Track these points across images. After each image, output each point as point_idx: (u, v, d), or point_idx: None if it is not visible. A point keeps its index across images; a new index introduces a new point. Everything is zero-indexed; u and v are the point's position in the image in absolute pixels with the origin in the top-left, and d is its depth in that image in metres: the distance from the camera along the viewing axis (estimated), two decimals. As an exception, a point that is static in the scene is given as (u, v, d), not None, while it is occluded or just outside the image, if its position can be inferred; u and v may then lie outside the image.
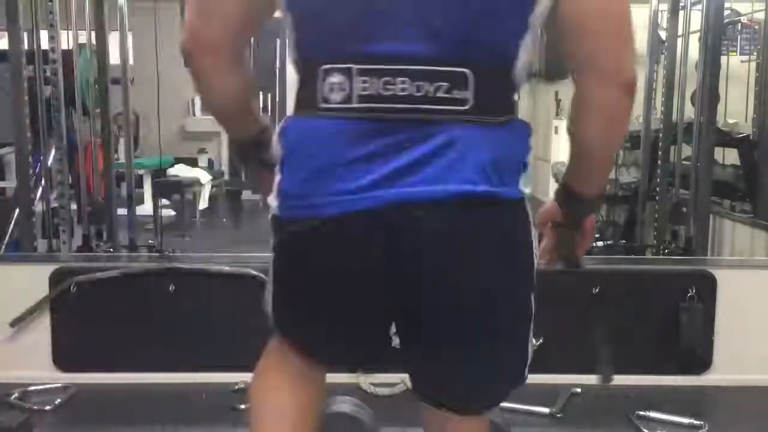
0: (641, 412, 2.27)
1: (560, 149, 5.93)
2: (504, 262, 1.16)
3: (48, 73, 3.09)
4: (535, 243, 1.23)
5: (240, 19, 1.19)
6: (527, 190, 1.24)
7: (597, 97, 1.19)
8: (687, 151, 3.43)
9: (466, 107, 1.08)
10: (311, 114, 1.12)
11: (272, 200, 1.17)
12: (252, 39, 1.31)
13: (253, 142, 1.36)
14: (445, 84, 1.06)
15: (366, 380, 2.41)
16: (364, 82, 1.06)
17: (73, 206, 3.26)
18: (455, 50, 1.07)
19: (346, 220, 1.08)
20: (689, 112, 3.45)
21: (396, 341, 1.24)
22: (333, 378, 1.49)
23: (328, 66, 1.09)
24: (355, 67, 1.07)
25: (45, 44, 3.09)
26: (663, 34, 3.79)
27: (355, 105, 1.07)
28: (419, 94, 1.06)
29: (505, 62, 1.11)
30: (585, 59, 1.16)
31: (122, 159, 4.28)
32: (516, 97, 1.19)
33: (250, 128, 1.35)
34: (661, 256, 3.24)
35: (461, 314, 1.15)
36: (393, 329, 1.24)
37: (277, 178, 1.17)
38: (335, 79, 1.08)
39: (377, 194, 1.06)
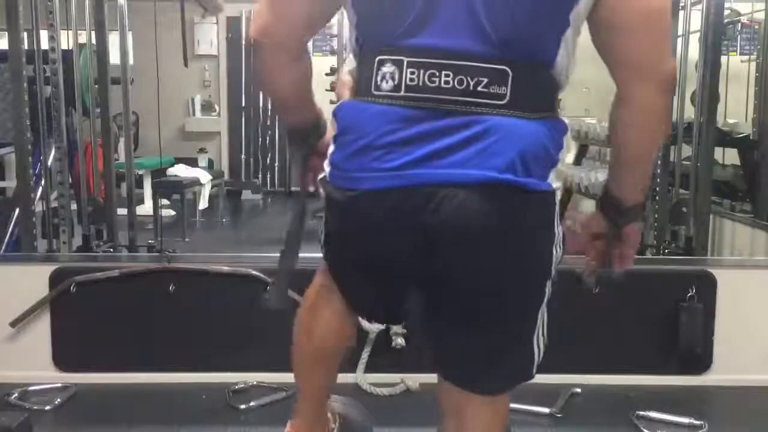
0: (641, 412, 2.27)
1: (560, 149, 5.92)
2: (519, 249, 1.24)
3: (48, 73, 3.09)
4: (558, 234, 1.32)
5: (309, 18, 1.33)
6: (557, 184, 1.28)
7: (639, 94, 1.24)
8: (687, 151, 3.43)
9: (504, 101, 1.18)
10: (364, 99, 1.25)
11: (326, 165, 1.32)
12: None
13: (309, 129, 1.49)
14: (485, 79, 1.17)
15: (366, 380, 2.42)
16: (412, 73, 1.19)
17: (73, 206, 3.25)
18: (497, 48, 1.17)
19: (378, 195, 1.21)
20: (689, 112, 3.45)
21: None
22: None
23: (383, 57, 1.22)
24: (405, 59, 1.19)
25: (45, 44, 3.09)
26: (663, 34, 3.78)
27: (402, 93, 1.20)
28: (460, 87, 1.17)
29: (545, 60, 1.22)
30: (627, 57, 1.23)
31: (122, 159, 4.28)
32: (557, 94, 1.30)
33: (308, 116, 1.47)
34: (661, 256, 3.23)
35: (476, 293, 1.26)
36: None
37: (330, 149, 1.31)
38: (388, 69, 1.21)
39: (407, 173, 1.18)
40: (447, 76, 1.18)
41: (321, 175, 1.35)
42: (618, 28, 1.20)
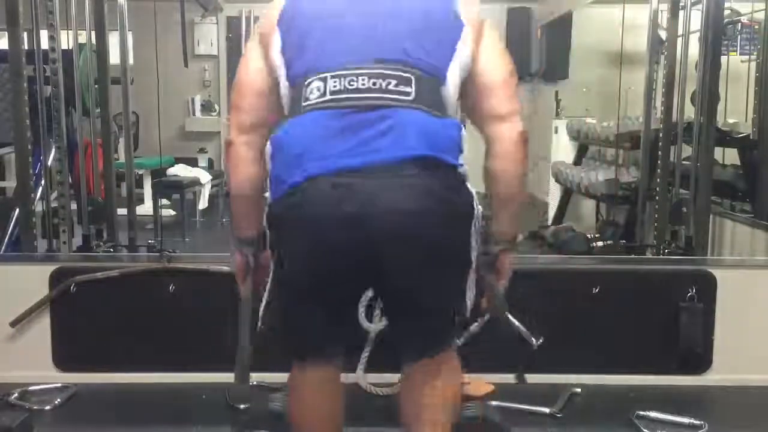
0: (641, 412, 2.27)
1: (560, 149, 5.93)
2: (442, 213, 1.47)
3: (48, 73, 3.09)
4: (476, 208, 1.55)
5: (265, 101, 1.63)
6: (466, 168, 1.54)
7: (502, 143, 1.60)
8: (687, 151, 3.43)
9: (410, 98, 1.49)
10: (296, 115, 1.53)
11: (267, 193, 1.54)
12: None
13: (256, 239, 1.71)
14: (394, 81, 1.49)
15: (366, 380, 2.42)
16: (335, 83, 1.49)
17: (73, 206, 3.25)
18: (400, 64, 1.50)
19: (313, 183, 1.44)
20: (689, 112, 3.44)
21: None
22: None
23: (310, 79, 1.51)
24: (329, 75, 1.50)
25: (45, 44, 3.08)
26: (663, 34, 3.78)
27: (328, 97, 1.48)
28: (375, 87, 1.48)
29: (437, 81, 1.53)
30: (491, 110, 1.59)
31: (122, 159, 4.28)
32: (448, 107, 1.56)
33: (256, 224, 1.67)
34: (661, 256, 3.23)
35: (405, 256, 1.47)
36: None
37: (269, 175, 1.54)
38: (315, 85, 1.51)
39: (338, 161, 1.43)
40: (363, 79, 1.48)
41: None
42: (485, 86, 1.58)
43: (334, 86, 1.48)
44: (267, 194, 1.53)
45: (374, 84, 1.47)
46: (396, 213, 1.43)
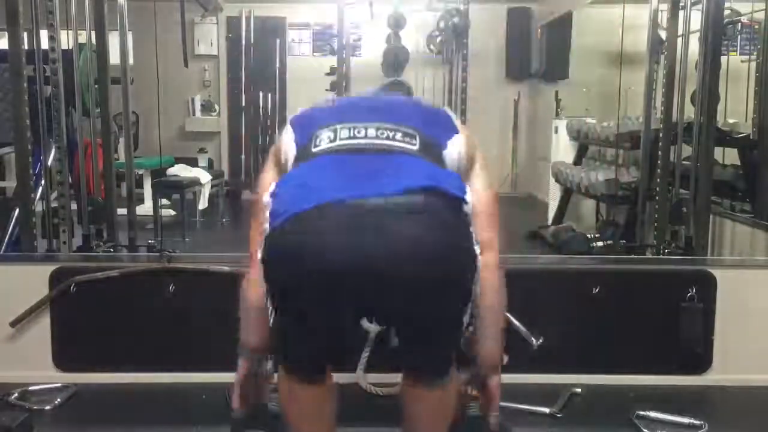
0: (641, 412, 2.27)
1: (560, 149, 5.93)
2: (447, 244, 1.46)
3: (48, 73, 3.09)
4: (474, 241, 1.55)
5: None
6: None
7: (485, 265, 1.61)
8: (687, 151, 3.43)
9: (415, 148, 1.58)
10: (304, 160, 1.60)
11: (266, 224, 1.51)
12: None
13: (263, 350, 1.80)
14: (400, 133, 1.59)
15: (366, 380, 2.42)
16: (344, 132, 1.58)
17: (73, 206, 3.25)
18: (405, 125, 1.62)
19: (319, 210, 1.42)
20: (689, 112, 3.44)
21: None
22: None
23: (320, 130, 1.61)
24: (338, 125, 1.60)
25: (45, 44, 3.08)
26: (663, 34, 3.78)
27: (337, 143, 1.57)
28: (382, 136, 1.58)
29: (437, 146, 1.65)
30: (479, 238, 1.60)
31: (122, 159, 4.28)
32: (446, 168, 1.64)
33: (264, 334, 1.75)
34: (661, 256, 3.23)
35: (407, 284, 1.44)
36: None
37: (268, 207, 1.52)
38: (325, 134, 1.60)
39: (345, 192, 1.43)
40: (371, 130, 1.57)
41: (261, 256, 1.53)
42: (473, 209, 1.58)
43: (344, 134, 1.57)
44: (266, 225, 1.50)
45: (381, 134, 1.57)
46: (401, 241, 1.41)
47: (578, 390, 2.47)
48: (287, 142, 1.72)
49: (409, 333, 1.55)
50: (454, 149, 1.68)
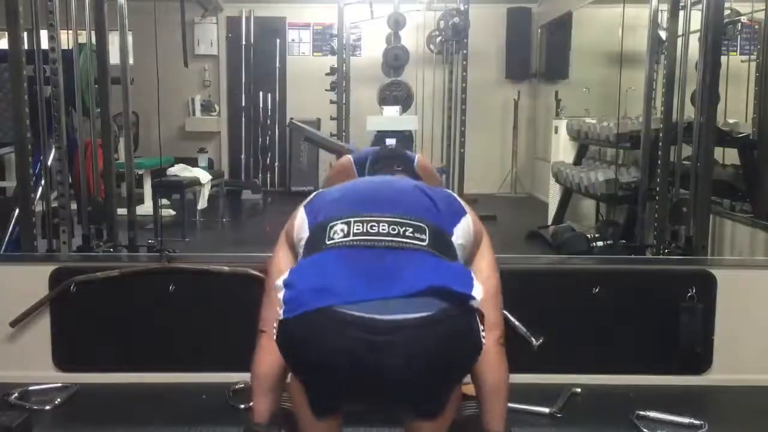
0: (641, 412, 2.27)
1: (560, 149, 5.93)
2: (453, 342, 1.52)
3: (48, 73, 3.08)
4: (479, 332, 1.58)
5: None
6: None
7: (488, 344, 1.65)
8: (687, 151, 3.43)
9: (425, 243, 1.63)
10: (317, 251, 1.64)
11: (280, 310, 1.56)
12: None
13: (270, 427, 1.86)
14: (410, 229, 1.64)
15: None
16: (358, 226, 1.63)
17: (73, 206, 3.25)
18: (415, 218, 1.67)
19: (328, 312, 1.48)
20: (689, 112, 3.44)
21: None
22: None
23: (334, 223, 1.66)
24: (353, 220, 1.65)
25: (45, 44, 3.08)
26: (663, 34, 3.78)
27: (351, 237, 1.62)
28: (393, 232, 1.62)
29: (445, 234, 1.70)
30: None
31: (122, 159, 4.27)
32: (456, 256, 1.71)
33: (273, 406, 1.85)
34: (661, 256, 3.23)
35: (412, 380, 1.52)
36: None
37: (281, 295, 1.57)
38: (339, 227, 1.65)
39: (355, 295, 1.49)
40: (383, 225, 1.63)
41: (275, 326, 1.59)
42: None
43: (357, 229, 1.63)
44: (280, 311, 1.56)
45: (393, 230, 1.63)
46: (411, 353, 1.48)
47: (578, 390, 2.47)
48: (299, 224, 1.78)
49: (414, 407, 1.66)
50: (461, 234, 1.75)
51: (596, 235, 4.40)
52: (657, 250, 3.35)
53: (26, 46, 2.89)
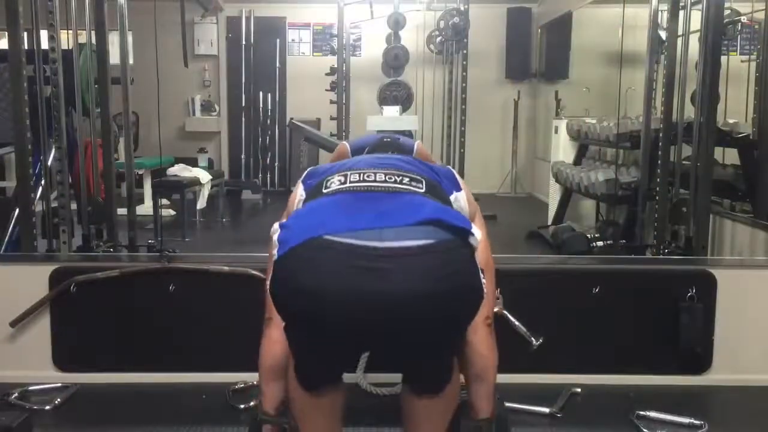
0: (641, 412, 2.27)
1: (560, 149, 5.92)
2: (453, 273, 1.44)
3: (48, 73, 3.08)
4: (480, 275, 1.52)
5: None
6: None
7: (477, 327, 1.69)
8: (687, 151, 3.43)
9: (422, 190, 1.62)
10: (314, 199, 1.63)
11: (275, 250, 1.49)
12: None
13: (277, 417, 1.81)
14: (407, 178, 1.63)
15: (366, 380, 2.41)
16: (354, 177, 1.63)
17: (73, 206, 3.25)
18: (412, 172, 1.66)
19: (326, 240, 1.41)
20: (689, 112, 3.44)
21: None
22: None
23: (330, 177, 1.66)
24: (349, 172, 1.65)
25: (45, 44, 3.08)
26: (663, 34, 3.78)
27: (348, 185, 1.61)
28: (390, 180, 1.62)
29: (443, 193, 1.71)
30: None
31: (122, 159, 4.27)
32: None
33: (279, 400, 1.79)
34: (661, 256, 3.23)
35: (412, 318, 1.43)
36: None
37: (275, 237, 1.50)
38: (336, 178, 1.65)
39: (353, 224, 1.44)
40: (380, 174, 1.62)
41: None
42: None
43: (354, 178, 1.63)
44: (274, 252, 1.49)
45: (389, 178, 1.62)
46: (410, 283, 1.39)
47: (578, 390, 2.47)
48: (298, 197, 1.78)
49: (414, 360, 1.60)
50: (457, 203, 1.75)
51: (596, 235, 4.40)
52: (657, 250, 3.35)
53: (26, 46, 2.89)
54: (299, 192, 1.79)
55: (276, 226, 1.53)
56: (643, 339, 2.60)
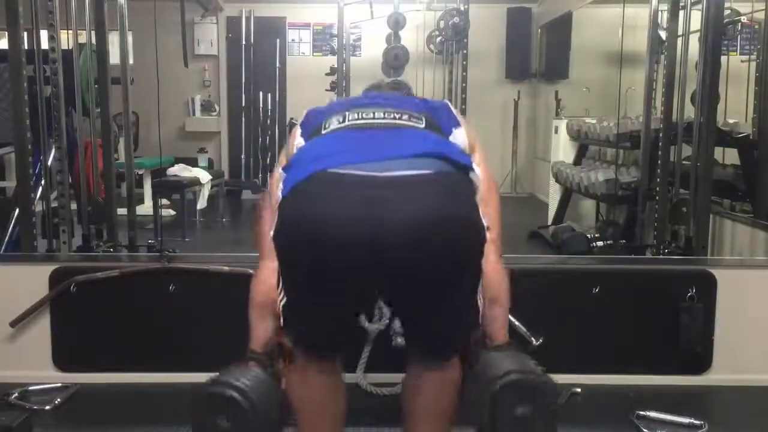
0: (641, 412, 2.27)
1: (560, 149, 5.93)
2: (454, 201, 1.48)
3: (48, 73, 3.08)
4: (479, 213, 1.54)
5: None
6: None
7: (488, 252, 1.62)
8: (687, 151, 3.43)
9: (422, 125, 1.65)
10: (315, 137, 1.66)
11: (278, 191, 1.55)
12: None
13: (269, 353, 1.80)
14: (407, 116, 1.66)
15: (366, 380, 2.42)
16: (353, 116, 1.65)
17: (73, 206, 3.25)
18: (411, 110, 1.69)
19: (328, 173, 1.45)
20: (689, 112, 3.44)
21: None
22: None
23: (330, 118, 1.67)
24: (348, 113, 1.66)
25: (45, 44, 3.08)
26: (663, 34, 3.78)
27: (347, 123, 1.63)
28: (390, 118, 1.64)
29: (442, 130, 1.71)
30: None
31: (122, 159, 4.28)
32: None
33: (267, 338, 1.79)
34: (661, 256, 3.23)
35: (418, 253, 1.43)
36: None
37: (282, 179, 1.56)
38: (335, 118, 1.67)
39: (355, 157, 1.47)
40: (378, 113, 1.64)
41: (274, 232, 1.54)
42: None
43: (353, 117, 1.63)
44: (279, 195, 1.52)
45: (389, 115, 1.63)
46: (413, 209, 1.41)
47: (578, 390, 2.47)
48: (296, 136, 1.77)
49: (419, 309, 1.55)
50: (457, 139, 1.74)
51: (596, 235, 4.40)
52: (657, 250, 3.35)
53: (26, 46, 2.89)
54: (297, 135, 1.77)
55: (280, 170, 1.60)
56: (643, 339, 2.60)
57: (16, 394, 2.39)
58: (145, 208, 5.37)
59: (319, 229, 1.41)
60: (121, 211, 3.47)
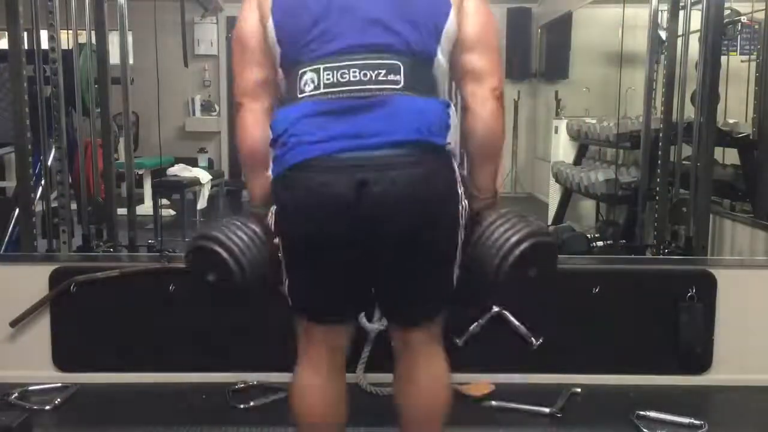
0: (641, 412, 2.27)
1: (560, 149, 5.93)
2: (430, 191, 1.54)
3: (48, 73, 3.08)
4: (459, 186, 1.61)
5: (263, 76, 1.70)
6: (451, 141, 1.60)
7: (478, 99, 1.62)
8: (687, 151, 3.43)
9: (399, 86, 1.55)
10: (292, 103, 1.60)
11: (270, 171, 1.64)
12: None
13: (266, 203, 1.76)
14: (383, 71, 1.55)
15: (366, 380, 2.42)
16: (327, 75, 1.56)
17: (73, 206, 3.25)
18: (388, 50, 1.56)
19: (311, 162, 1.53)
20: (689, 112, 3.44)
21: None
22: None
23: (304, 69, 1.58)
24: (321, 67, 1.56)
25: (45, 44, 3.08)
26: (663, 34, 3.78)
27: (322, 90, 1.56)
28: (365, 78, 1.55)
29: (424, 61, 1.60)
30: (470, 67, 1.63)
31: (122, 159, 4.27)
32: (437, 86, 1.64)
33: (266, 183, 1.72)
34: (661, 256, 3.23)
35: (404, 240, 1.55)
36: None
37: (272, 154, 1.62)
38: (309, 76, 1.58)
39: (336, 144, 1.52)
40: (354, 72, 1.55)
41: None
42: (464, 45, 1.62)
43: (327, 79, 1.56)
44: (269, 172, 1.61)
45: (365, 75, 1.55)
46: (393, 195, 1.50)
47: (578, 390, 2.47)
48: (270, 25, 1.70)
49: (402, 276, 1.64)
50: (445, 50, 1.62)
51: (596, 235, 4.39)
52: (657, 250, 3.35)
53: (26, 46, 2.89)
54: (272, 36, 1.69)
55: (268, 147, 1.64)
56: (643, 339, 2.60)
57: (16, 394, 2.39)
58: (145, 208, 5.37)
59: (311, 215, 1.55)
60: (121, 211, 3.47)
